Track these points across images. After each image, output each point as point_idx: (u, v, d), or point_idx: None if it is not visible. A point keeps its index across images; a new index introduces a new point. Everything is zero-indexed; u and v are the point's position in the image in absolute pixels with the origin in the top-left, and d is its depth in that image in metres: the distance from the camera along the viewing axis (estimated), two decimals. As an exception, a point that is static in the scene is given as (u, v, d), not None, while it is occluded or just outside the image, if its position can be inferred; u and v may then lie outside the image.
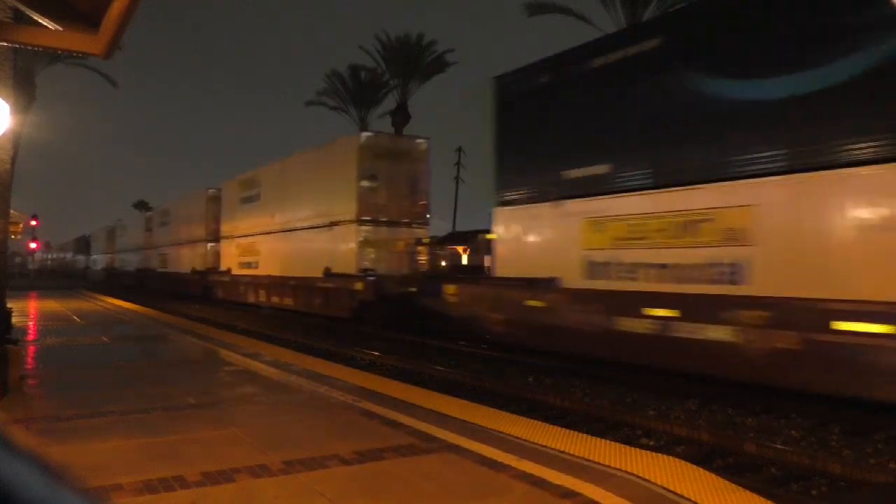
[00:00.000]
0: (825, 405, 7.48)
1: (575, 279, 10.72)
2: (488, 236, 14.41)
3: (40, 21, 4.26)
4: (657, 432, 7.12)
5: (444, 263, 20.34)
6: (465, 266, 20.81)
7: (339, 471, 4.36)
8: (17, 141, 8.25)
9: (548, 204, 11.38)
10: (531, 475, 4.23)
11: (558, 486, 4.01)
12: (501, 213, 12.56)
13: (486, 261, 14.70)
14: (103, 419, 5.79)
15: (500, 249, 12.69)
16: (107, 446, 4.90)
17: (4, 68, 6.08)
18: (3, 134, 5.74)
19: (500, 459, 4.58)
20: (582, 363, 10.45)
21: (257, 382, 7.79)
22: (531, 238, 12.03)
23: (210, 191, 29.31)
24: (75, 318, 17.00)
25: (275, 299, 21.85)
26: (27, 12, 4.26)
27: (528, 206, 11.87)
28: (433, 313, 14.39)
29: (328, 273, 18.16)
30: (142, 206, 68.74)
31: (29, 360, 9.25)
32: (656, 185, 9.59)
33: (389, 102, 36.37)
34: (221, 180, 30.82)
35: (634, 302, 9.52)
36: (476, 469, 4.41)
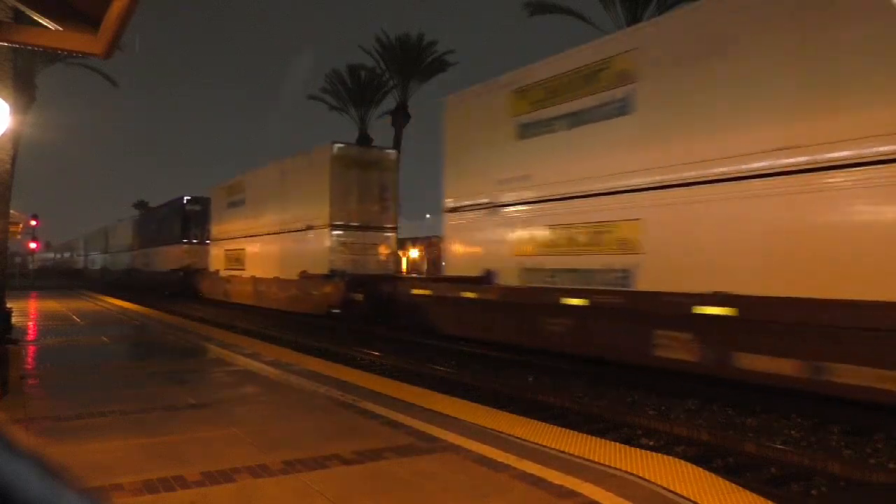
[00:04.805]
0: (825, 405, 7.49)
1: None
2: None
3: (40, 21, 4.27)
4: (657, 432, 7.11)
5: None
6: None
7: (339, 471, 4.36)
8: (17, 141, 8.24)
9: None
10: (531, 475, 4.23)
11: (558, 486, 4.01)
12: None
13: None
14: (103, 419, 5.79)
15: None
16: (107, 446, 4.90)
17: (4, 68, 6.08)
18: (3, 134, 5.74)
19: (500, 459, 4.57)
20: (582, 363, 10.47)
21: (257, 382, 7.78)
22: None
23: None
24: (75, 317, 16.99)
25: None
26: (27, 12, 4.27)
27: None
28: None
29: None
30: (142, 206, 68.45)
31: (29, 359, 9.25)
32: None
33: (389, 102, 36.40)
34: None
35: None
36: (476, 469, 4.41)
